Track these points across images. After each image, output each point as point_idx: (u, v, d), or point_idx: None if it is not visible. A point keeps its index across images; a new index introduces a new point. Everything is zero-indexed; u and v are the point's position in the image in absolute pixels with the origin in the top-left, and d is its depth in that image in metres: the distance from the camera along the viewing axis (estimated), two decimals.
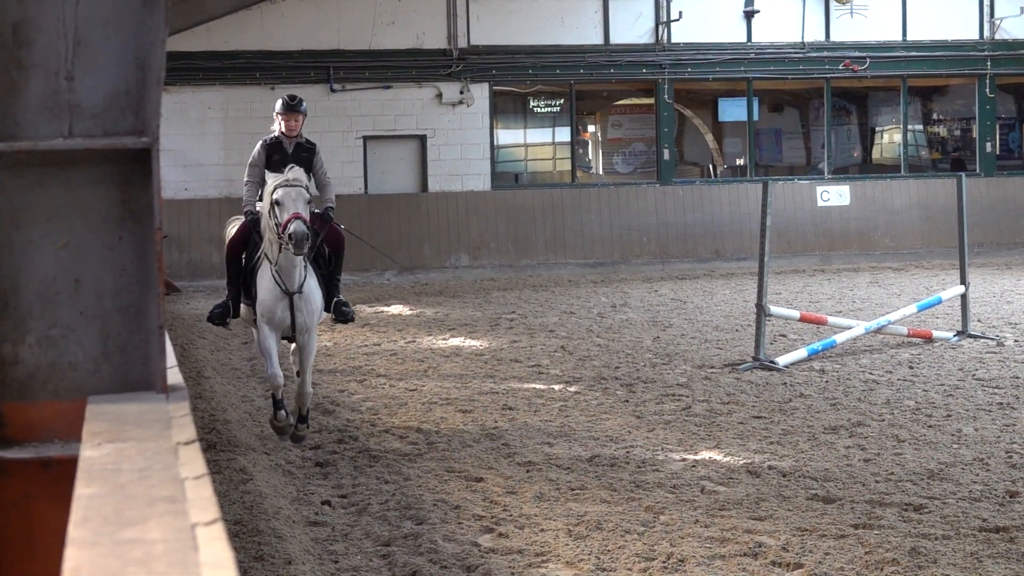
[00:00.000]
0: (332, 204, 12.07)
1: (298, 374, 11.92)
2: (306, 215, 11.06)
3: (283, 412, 11.68)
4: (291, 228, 10.87)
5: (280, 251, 11.24)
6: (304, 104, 12.23)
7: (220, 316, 11.99)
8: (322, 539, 8.82)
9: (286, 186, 11.11)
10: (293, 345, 12.19)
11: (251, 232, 11.75)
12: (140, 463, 3.03)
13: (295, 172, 11.31)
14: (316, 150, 12.16)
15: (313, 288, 11.59)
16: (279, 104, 12.13)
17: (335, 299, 12.01)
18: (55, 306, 3.91)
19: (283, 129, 12.01)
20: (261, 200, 11.63)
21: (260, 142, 12.13)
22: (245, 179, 12.08)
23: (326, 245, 11.91)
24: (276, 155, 11.88)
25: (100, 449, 3.18)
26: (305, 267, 11.49)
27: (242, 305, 11.95)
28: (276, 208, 11.08)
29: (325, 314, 12.03)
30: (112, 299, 3.93)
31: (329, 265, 12.02)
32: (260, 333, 11.71)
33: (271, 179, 11.32)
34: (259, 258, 11.64)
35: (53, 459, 3.74)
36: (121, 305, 3.92)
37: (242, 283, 11.89)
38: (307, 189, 11.27)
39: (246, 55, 27.71)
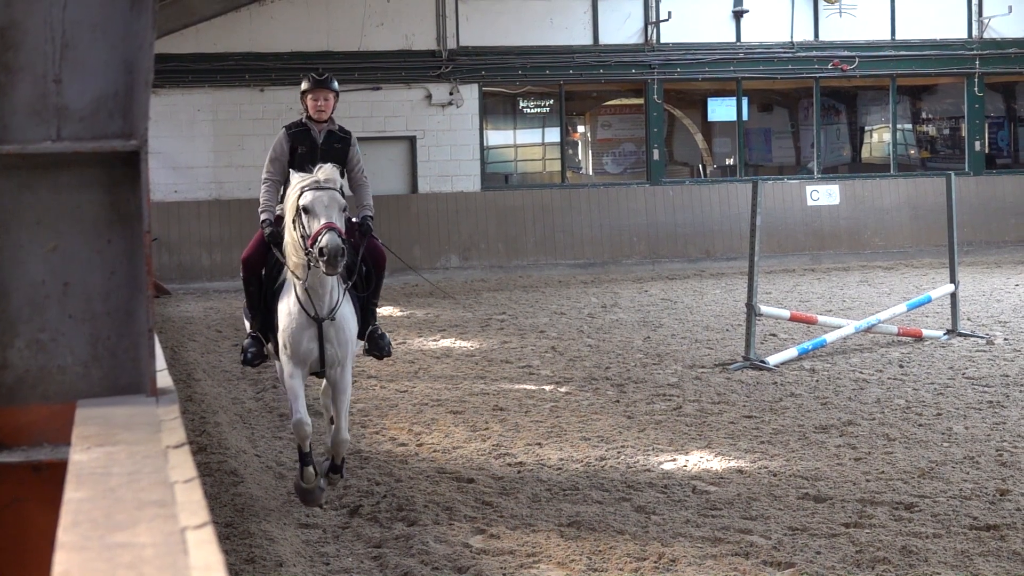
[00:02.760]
0: (371, 212, 10.01)
1: (331, 420, 9.90)
2: (341, 225, 8.98)
3: (311, 470, 9.45)
4: (323, 241, 8.77)
5: (308, 269, 9.15)
6: (336, 82, 10.09)
7: (256, 356, 9.85)
8: (313, 541, 8.82)
9: (316, 189, 9.05)
10: (324, 382, 10.14)
11: (270, 244, 9.69)
12: (130, 467, 3.03)
13: (327, 171, 9.21)
14: (352, 140, 10.10)
15: (348, 315, 9.49)
16: (305, 82, 10.00)
17: (370, 327, 10.00)
18: (44, 309, 3.90)
19: (310, 112, 9.92)
20: (283, 203, 9.65)
21: (282, 130, 10.07)
22: (263, 176, 9.96)
23: (363, 263, 9.80)
24: (302, 146, 9.89)
25: (90, 453, 3.18)
26: (340, 289, 9.44)
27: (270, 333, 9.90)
28: (303, 216, 8.98)
29: (360, 343, 10.00)
30: (101, 302, 3.92)
31: (367, 287, 9.89)
32: (283, 369, 9.63)
33: (296, 179, 9.23)
34: (282, 278, 9.62)
35: (43, 463, 3.73)
36: (110, 308, 3.92)
37: (264, 307, 9.84)
38: (342, 192, 9.20)
39: (235, 57, 27.69)
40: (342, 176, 9.58)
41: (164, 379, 4.09)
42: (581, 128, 31.81)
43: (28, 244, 3.89)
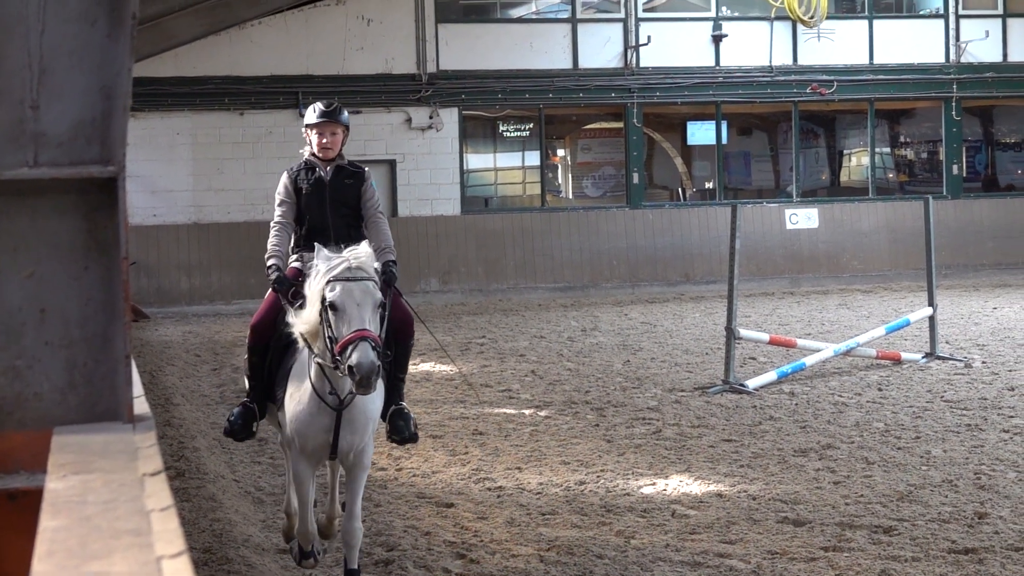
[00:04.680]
0: (392, 256, 8.52)
1: (343, 506, 8.52)
2: (376, 328, 7.45)
3: (312, 561, 8.41)
4: (353, 358, 7.23)
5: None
6: (346, 114, 8.87)
7: (243, 428, 8.46)
8: (292, 567, 8.78)
9: (346, 280, 7.49)
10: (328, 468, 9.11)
11: (280, 299, 8.28)
12: (106, 495, 3.01)
13: (358, 255, 7.62)
14: (365, 175, 8.79)
15: (371, 395, 7.73)
16: (310, 113, 8.73)
17: (393, 407, 8.43)
18: (21, 336, 3.88)
19: (315, 149, 8.68)
20: (294, 251, 8.56)
21: (284, 173, 8.74)
22: (274, 220, 8.61)
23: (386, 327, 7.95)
24: (309, 186, 8.63)
25: (66, 481, 3.17)
26: None
27: (269, 404, 8.55)
28: (330, 314, 7.46)
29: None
30: (78, 329, 3.91)
31: (389, 356, 8.22)
32: (292, 468, 8.20)
33: (323, 264, 7.63)
34: (294, 346, 8.08)
35: (19, 491, 3.72)
36: (87, 335, 3.90)
37: (268, 376, 8.45)
38: (376, 282, 7.62)
39: (215, 80, 27.68)
40: (356, 216, 8.57)
41: (141, 405, 4.08)
42: (561, 152, 31.85)
43: (5, 270, 3.87)
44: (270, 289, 8.44)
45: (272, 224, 8.61)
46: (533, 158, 30.30)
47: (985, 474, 10.92)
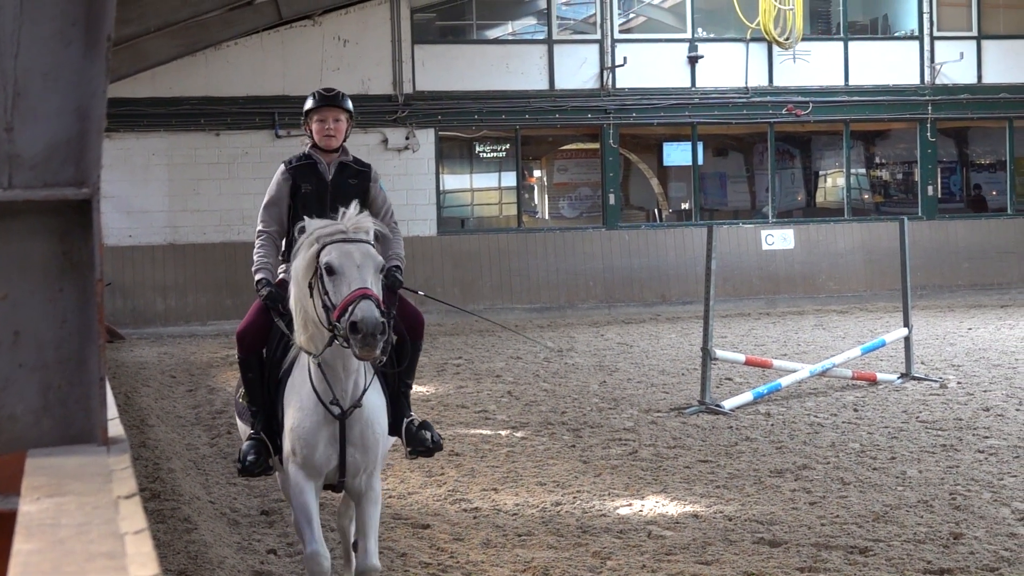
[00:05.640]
0: (399, 261, 7.78)
1: (354, 545, 7.89)
2: (378, 290, 6.84)
3: None
4: (356, 313, 6.58)
5: (330, 346, 6.99)
6: (349, 100, 8.05)
7: (256, 464, 7.53)
8: None
9: (343, 241, 6.90)
10: (341, 498, 8.40)
11: (271, 312, 7.48)
12: (80, 518, 3.00)
13: (354, 217, 7.03)
14: (372, 175, 8.07)
15: (377, 406, 7.29)
16: (310, 100, 7.93)
17: (407, 419, 7.71)
18: None
19: (316, 139, 7.89)
20: (288, 260, 7.52)
21: (280, 166, 7.95)
22: (258, 228, 7.87)
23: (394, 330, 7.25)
24: (306, 184, 7.80)
25: (39, 503, 3.15)
26: (368, 369, 7.21)
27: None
28: (326, 279, 6.83)
29: (392, 440, 7.80)
30: (53, 351, 3.90)
31: (397, 364, 7.56)
32: (289, 482, 7.35)
33: (313, 227, 7.05)
34: (289, 360, 7.41)
35: None
36: (62, 357, 3.89)
37: (268, 399, 7.58)
38: (376, 244, 7.09)
39: (191, 101, 27.67)
40: None
41: (116, 428, 4.06)
42: (537, 172, 31.90)
43: None
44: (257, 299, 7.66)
45: (256, 233, 7.87)
46: (509, 179, 30.34)
47: (960, 494, 10.94)
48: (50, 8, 3.75)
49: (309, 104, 7.90)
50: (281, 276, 7.70)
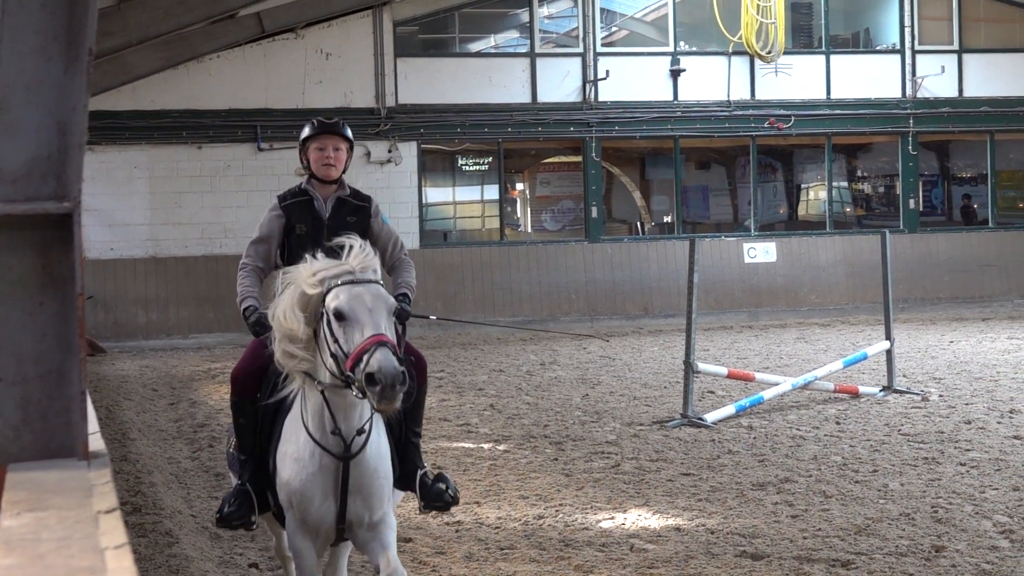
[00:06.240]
0: (407, 289, 7.40)
1: None
2: (392, 336, 6.26)
3: None
4: (373, 364, 5.99)
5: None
6: (349, 130, 7.81)
7: (238, 517, 7.03)
8: None
9: (351, 283, 6.31)
10: (328, 555, 7.73)
11: (267, 354, 6.76)
12: (60, 532, 3.00)
13: (359, 255, 6.42)
14: (372, 209, 7.58)
15: (381, 449, 6.74)
16: (307, 127, 7.56)
17: (420, 471, 7.26)
18: None
19: (314, 168, 7.47)
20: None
21: (274, 200, 7.50)
22: (242, 261, 7.40)
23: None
24: (301, 224, 7.32)
25: (20, 519, 3.15)
26: (368, 406, 6.44)
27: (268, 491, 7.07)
28: (335, 324, 6.24)
29: (400, 493, 7.37)
30: (33, 365, 3.89)
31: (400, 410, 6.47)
32: (286, 542, 7.03)
33: (314, 268, 6.44)
34: (289, 397, 6.78)
35: None
36: (42, 371, 3.88)
37: (259, 447, 7.02)
38: (383, 285, 6.48)
39: (172, 114, 27.63)
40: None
41: (96, 442, 4.06)
42: (520, 185, 31.90)
43: None
44: (252, 336, 7.15)
45: (240, 266, 7.38)
46: (492, 192, 30.34)
47: (942, 507, 10.96)
48: (31, 23, 3.74)
49: (307, 132, 7.48)
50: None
